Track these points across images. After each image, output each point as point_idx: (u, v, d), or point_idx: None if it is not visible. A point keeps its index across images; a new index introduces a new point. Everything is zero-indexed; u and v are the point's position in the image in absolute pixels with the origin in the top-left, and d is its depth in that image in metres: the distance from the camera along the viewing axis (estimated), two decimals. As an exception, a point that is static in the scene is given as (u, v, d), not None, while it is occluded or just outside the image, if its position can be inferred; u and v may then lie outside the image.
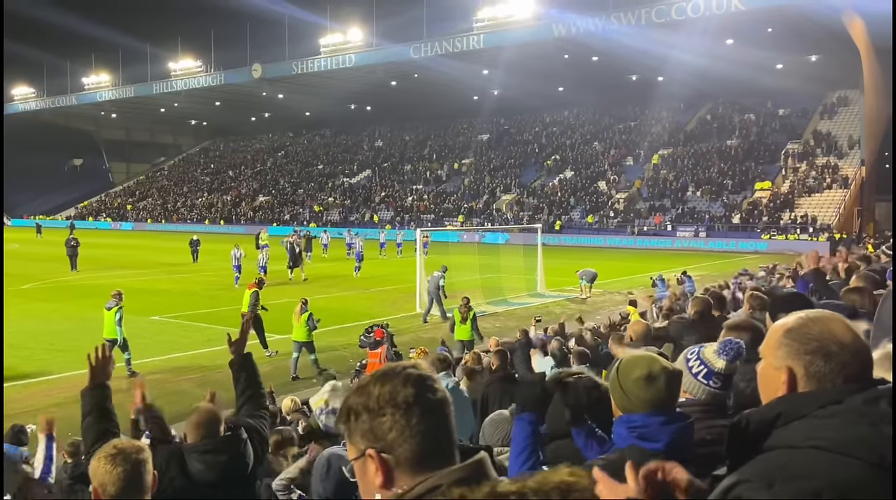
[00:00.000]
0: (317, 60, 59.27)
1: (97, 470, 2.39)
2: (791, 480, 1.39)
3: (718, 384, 2.49)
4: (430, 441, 1.33)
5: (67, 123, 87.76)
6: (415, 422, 1.31)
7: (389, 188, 65.59)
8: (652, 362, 2.18)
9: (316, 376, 12.50)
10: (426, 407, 1.33)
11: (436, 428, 1.34)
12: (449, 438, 1.37)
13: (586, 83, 57.22)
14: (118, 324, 13.25)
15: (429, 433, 1.33)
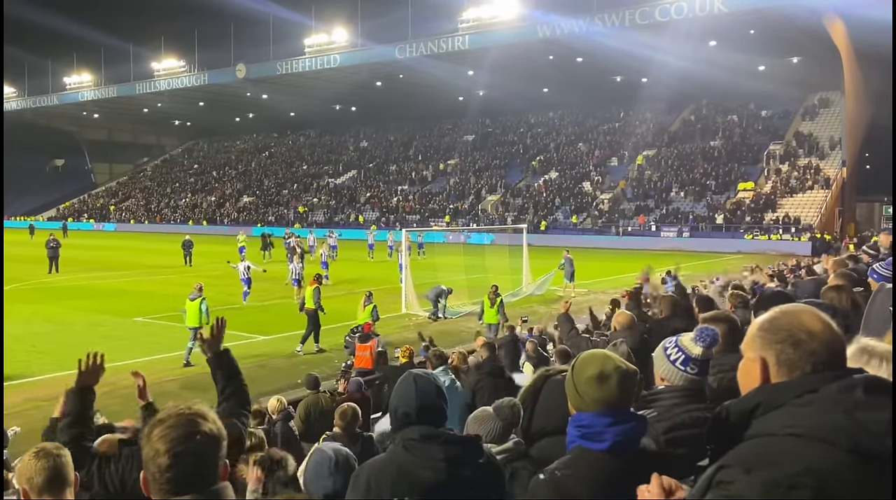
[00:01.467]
0: (301, 61, 59.07)
1: (24, 467, 2.59)
2: (769, 465, 1.44)
3: (695, 370, 2.53)
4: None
5: (49, 123, 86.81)
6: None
7: (375, 189, 65.48)
8: (605, 360, 2.15)
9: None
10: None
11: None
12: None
13: (571, 84, 57.42)
14: (205, 313, 14.29)
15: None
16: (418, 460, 2.25)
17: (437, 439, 2.33)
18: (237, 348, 15.37)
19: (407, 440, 2.31)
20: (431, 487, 2.21)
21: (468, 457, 2.36)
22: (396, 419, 2.41)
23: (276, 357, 14.86)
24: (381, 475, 2.22)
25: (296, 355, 15.10)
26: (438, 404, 2.44)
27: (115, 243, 48.60)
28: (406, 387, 2.45)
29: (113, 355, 14.67)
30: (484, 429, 3.18)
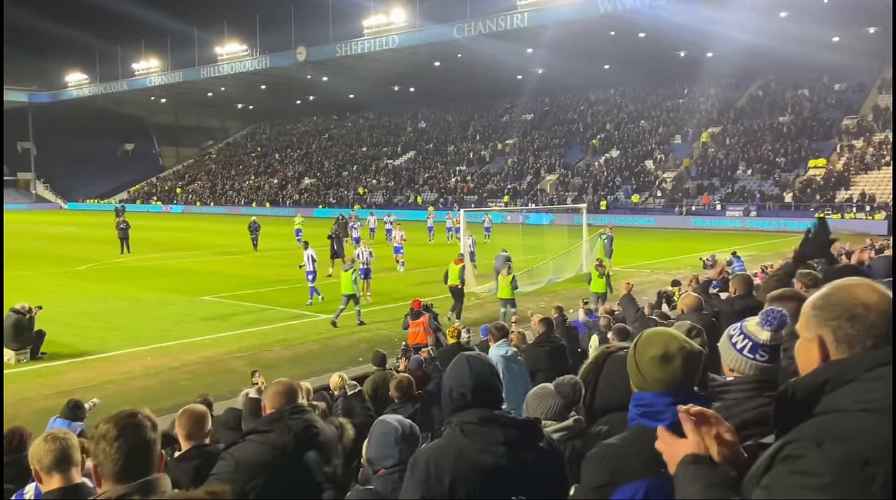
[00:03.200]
0: (360, 42, 59.27)
1: (35, 449, 2.88)
2: (840, 440, 1.41)
3: (766, 357, 2.38)
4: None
5: (119, 108, 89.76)
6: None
7: (433, 170, 65.56)
8: (670, 340, 2.07)
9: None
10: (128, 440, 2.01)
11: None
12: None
13: (633, 61, 56.06)
14: (354, 282, 16.24)
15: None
16: (477, 444, 2.21)
17: (495, 422, 2.29)
18: (300, 327, 15.78)
19: (464, 424, 2.27)
20: (492, 471, 2.18)
21: (528, 440, 2.31)
22: (452, 401, 2.37)
23: (338, 336, 15.09)
24: (440, 459, 2.18)
25: (354, 333, 15.28)
26: (493, 384, 2.40)
27: (182, 225, 50.09)
28: (460, 368, 2.41)
29: (181, 332, 15.27)
30: (544, 406, 3.14)
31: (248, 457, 3.05)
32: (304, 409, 3.29)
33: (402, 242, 26.12)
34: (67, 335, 14.71)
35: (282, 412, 3.21)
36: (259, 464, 3.04)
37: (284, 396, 3.30)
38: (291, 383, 3.40)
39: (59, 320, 15.72)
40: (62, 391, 10.63)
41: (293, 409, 3.23)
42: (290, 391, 3.34)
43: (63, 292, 20.10)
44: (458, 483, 2.13)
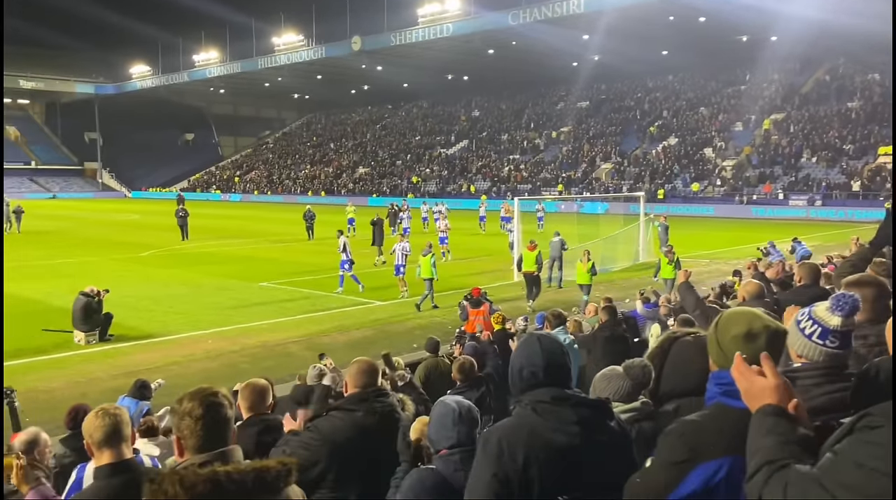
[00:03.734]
0: (414, 31, 59.33)
1: (87, 424, 2.98)
2: None
3: (836, 343, 2.25)
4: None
5: (180, 99, 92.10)
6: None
7: (486, 158, 65.36)
8: (753, 319, 2.02)
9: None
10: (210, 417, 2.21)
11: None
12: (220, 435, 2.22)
13: (692, 46, 54.68)
14: (433, 266, 16.75)
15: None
16: (550, 423, 2.18)
17: (568, 401, 2.25)
18: (356, 313, 15.95)
19: (536, 403, 2.24)
20: (565, 451, 2.14)
21: (600, 420, 2.27)
22: (522, 379, 2.33)
23: (391, 322, 15.21)
24: (512, 437, 2.15)
25: (409, 320, 15.37)
26: (565, 363, 2.36)
27: (241, 213, 51.17)
28: (530, 347, 2.37)
29: (241, 317, 15.57)
30: (612, 388, 3.09)
31: (333, 432, 3.19)
32: (386, 392, 3.45)
33: (446, 232, 26.01)
34: (133, 318, 15.19)
35: (367, 394, 3.35)
36: (342, 440, 3.16)
37: (367, 375, 3.43)
38: (373, 363, 3.53)
39: (124, 303, 16.24)
40: (129, 372, 10.97)
41: (377, 392, 3.38)
42: (373, 371, 3.47)
43: (128, 277, 20.76)
44: (531, 462, 2.10)
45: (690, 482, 1.93)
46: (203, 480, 1.88)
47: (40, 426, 7.46)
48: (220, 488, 1.88)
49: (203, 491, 1.86)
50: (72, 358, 12.42)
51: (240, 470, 1.93)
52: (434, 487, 2.88)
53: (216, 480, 1.89)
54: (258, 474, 1.93)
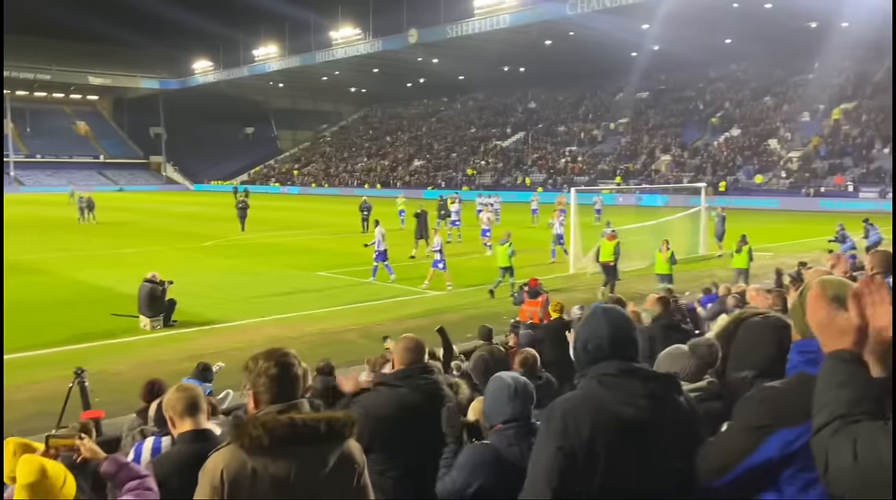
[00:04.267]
0: (471, 23, 59.15)
1: (168, 399, 3.29)
2: None
3: None
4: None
5: (240, 93, 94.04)
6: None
7: (542, 150, 64.80)
8: (841, 286, 1.93)
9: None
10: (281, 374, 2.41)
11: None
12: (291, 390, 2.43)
13: (757, 33, 52.99)
14: (510, 256, 16.89)
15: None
16: (617, 395, 2.10)
17: (636, 374, 2.17)
18: (411, 303, 16.01)
19: (602, 376, 2.16)
20: (632, 424, 2.06)
21: (669, 395, 2.18)
22: (587, 352, 2.25)
23: (446, 312, 15.20)
24: (578, 410, 2.07)
25: (463, 309, 15.33)
26: (632, 336, 2.28)
27: (299, 205, 52.00)
28: (595, 319, 2.29)
29: (300, 305, 15.81)
30: (677, 366, 2.99)
31: (377, 408, 3.20)
32: (432, 369, 3.44)
33: (489, 225, 25.51)
34: (196, 305, 15.58)
35: (413, 370, 3.35)
36: (386, 417, 3.16)
37: (413, 352, 3.44)
38: (419, 340, 3.54)
39: (187, 291, 16.65)
40: (192, 356, 11.24)
41: (423, 368, 3.38)
42: (419, 347, 3.47)
43: (191, 266, 21.33)
44: (598, 435, 2.03)
45: (767, 448, 1.88)
46: (283, 424, 2.19)
47: (108, 405, 7.74)
48: (297, 431, 2.20)
49: (283, 434, 2.17)
50: (138, 343, 12.82)
51: (314, 417, 2.27)
52: (490, 461, 2.86)
53: (294, 424, 2.20)
54: (329, 421, 2.25)
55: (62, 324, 13.97)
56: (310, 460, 2.24)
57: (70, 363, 8.78)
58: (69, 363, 9.09)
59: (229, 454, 2.24)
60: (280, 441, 2.17)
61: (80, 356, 11.33)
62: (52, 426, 7.70)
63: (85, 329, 13.52)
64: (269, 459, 2.19)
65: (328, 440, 2.27)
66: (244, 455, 2.20)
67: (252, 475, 2.19)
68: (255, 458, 2.19)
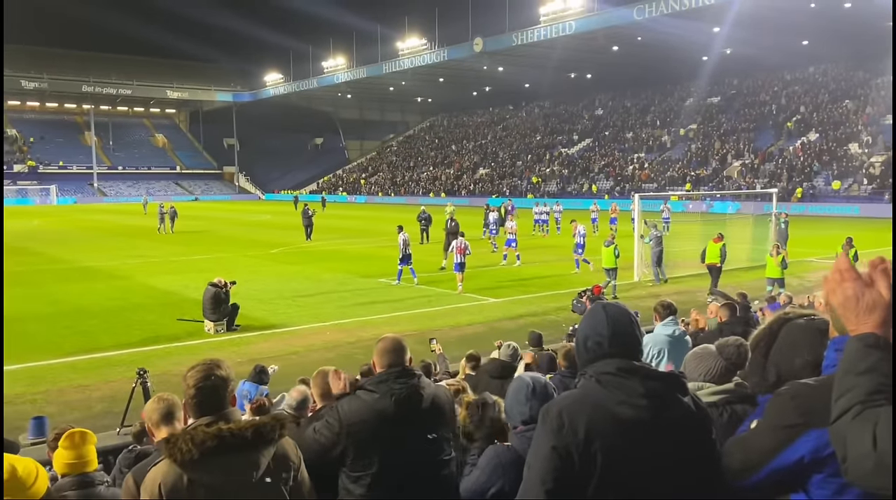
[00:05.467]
0: (536, 30, 58.91)
1: (147, 409, 3.40)
2: None
3: None
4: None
5: (310, 105, 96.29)
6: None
7: (609, 157, 63.87)
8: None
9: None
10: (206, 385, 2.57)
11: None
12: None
13: (836, 34, 50.92)
14: (615, 256, 17.69)
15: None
16: (615, 395, 2.02)
17: (635, 373, 2.08)
18: (469, 310, 15.97)
19: (601, 374, 2.08)
20: (631, 424, 1.97)
21: (671, 395, 2.08)
22: (586, 350, 2.18)
23: (504, 319, 15.11)
24: (574, 409, 2.01)
25: (521, 317, 15.21)
26: (633, 333, 2.19)
27: (365, 214, 52.72)
28: (595, 316, 2.22)
29: (359, 311, 15.96)
30: (703, 367, 2.86)
31: (352, 414, 3.07)
32: (411, 373, 3.18)
33: (514, 234, 23.82)
34: (259, 310, 15.96)
35: (388, 374, 3.14)
36: (358, 422, 3.04)
37: (390, 354, 3.21)
38: (399, 340, 3.29)
39: (252, 296, 17.13)
40: (252, 359, 11.47)
41: (400, 373, 3.15)
42: (397, 349, 3.22)
43: (257, 272, 21.87)
44: (595, 435, 1.95)
45: (798, 448, 1.80)
46: (211, 436, 2.31)
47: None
48: (225, 441, 2.32)
49: (211, 445, 2.29)
50: (202, 346, 13.18)
51: (240, 426, 2.37)
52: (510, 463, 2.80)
53: (221, 435, 2.32)
54: (256, 428, 2.38)
55: (134, 327, 14.52)
56: (241, 466, 2.37)
57: (138, 365, 9.10)
58: (138, 365, 9.42)
59: (165, 467, 2.38)
60: (210, 452, 2.30)
61: (148, 358, 11.75)
62: (117, 424, 8.03)
63: (154, 332, 14.02)
64: (202, 470, 2.32)
65: (256, 446, 2.39)
66: (178, 469, 2.33)
67: (188, 486, 2.33)
68: (189, 471, 2.32)
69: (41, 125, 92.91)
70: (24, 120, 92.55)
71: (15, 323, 14.76)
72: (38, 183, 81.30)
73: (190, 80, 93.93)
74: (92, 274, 21.98)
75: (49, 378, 11.03)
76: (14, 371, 11.40)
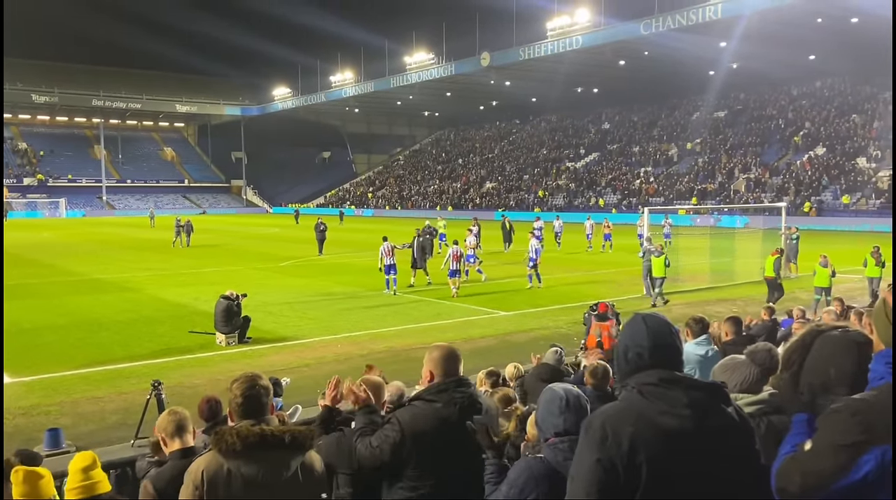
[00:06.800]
0: (543, 45, 59.17)
1: (160, 422, 3.74)
2: None
3: None
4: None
5: (318, 118, 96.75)
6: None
7: (616, 171, 63.91)
8: None
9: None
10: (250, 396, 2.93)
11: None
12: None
13: (843, 49, 50.92)
14: (666, 265, 17.93)
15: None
16: (658, 406, 2.03)
17: (678, 383, 2.09)
18: (481, 322, 15.96)
19: (643, 385, 2.10)
20: (675, 435, 1.98)
21: (714, 404, 2.10)
22: (627, 362, 2.20)
23: (515, 332, 15.10)
24: (617, 421, 2.02)
25: (533, 330, 15.20)
26: (674, 344, 2.21)
27: (372, 227, 52.73)
28: (635, 327, 2.24)
29: (369, 323, 15.98)
30: (738, 376, 2.86)
31: (414, 423, 3.13)
32: (468, 382, 3.34)
33: (472, 249, 23.33)
34: (270, 323, 16.00)
35: (447, 384, 3.25)
36: (422, 432, 3.10)
37: (448, 363, 3.34)
38: (454, 350, 3.42)
39: (262, 309, 17.18)
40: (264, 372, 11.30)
41: (458, 382, 3.29)
42: (454, 358, 3.36)
43: (267, 285, 21.93)
44: (639, 447, 1.96)
45: (862, 466, 1.78)
46: (254, 433, 2.64)
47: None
48: (266, 439, 2.64)
49: (253, 441, 2.62)
50: (214, 358, 13.22)
51: (280, 429, 2.71)
52: (543, 475, 2.79)
53: (263, 433, 2.65)
54: (293, 434, 2.69)
55: (146, 339, 14.57)
56: (275, 463, 2.67)
57: (151, 377, 9.13)
58: (151, 376, 9.47)
59: (209, 457, 2.71)
60: (251, 447, 2.61)
61: (161, 370, 11.79)
62: (132, 436, 8.05)
63: (166, 344, 14.07)
64: (242, 461, 2.63)
65: (291, 449, 2.70)
66: (221, 458, 2.64)
67: (227, 475, 2.64)
68: (230, 460, 2.63)
69: (51, 139, 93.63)
70: (34, 133, 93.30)
71: (29, 334, 14.85)
72: (48, 196, 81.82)
73: (198, 94, 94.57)
74: (102, 286, 22.08)
75: (63, 390, 11.08)
76: (29, 382, 11.46)
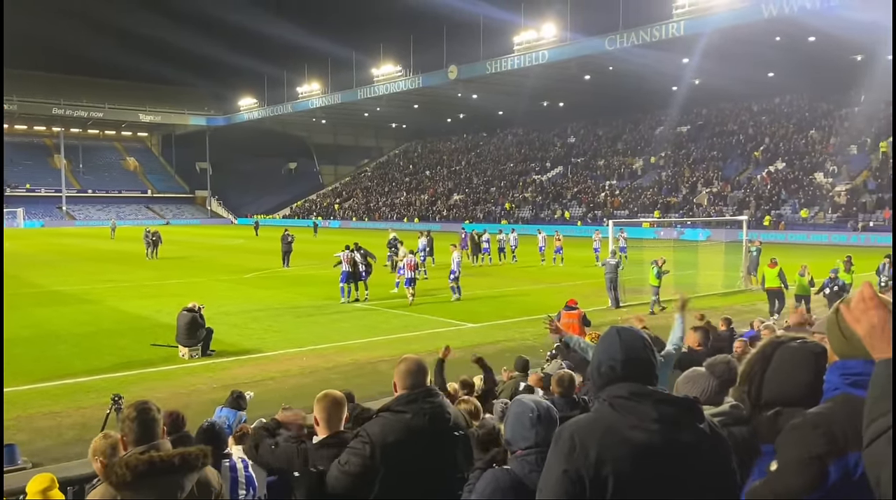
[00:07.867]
0: (510, 59, 59.74)
1: (95, 446, 3.71)
2: None
3: None
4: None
5: (284, 129, 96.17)
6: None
7: (582, 184, 64.61)
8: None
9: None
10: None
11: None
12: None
13: (801, 67, 52.32)
14: (658, 277, 18.74)
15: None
16: (627, 419, 2.04)
17: (648, 397, 2.10)
18: (447, 335, 15.93)
19: (613, 398, 2.10)
20: (643, 449, 1.99)
21: (686, 419, 2.10)
22: (600, 375, 2.21)
23: (482, 344, 15.09)
24: (586, 433, 2.02)
25: (499, 342, 15.23)
26: (646, 358, 2.22)
27: (339, 239, 52.41)
28: (609, 340, 2.26)
29: (335, 336, 15.82)
30: (698, 388, 2.89)
31: (385, 434, 3.11)
32: (436, 392, 3.34)
33: (402, 263, 21.87)
34: (233, 335, 15.77)
35: (416, 394, 3.25)
36: (392, 443, 3.08)
37: (415, 375, 3.35)
38: (421, 361, 3.43)
39: (226, 321, 16.94)
40: (228, 385, 11.31)
41: (427, 392, 3.30)
42: (421, 370, 3.37)
43: (231, 297, 21.64)
44: (606, 460, 1.96)
45: (831, 476, 1.81)
46: (143, 461, 2.64)
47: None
48: (155, 466, 2.64)
49: (143, 470, 2.62)
50: (176, 371, 12.98)
51: (169, 454, 2.72)
52: (509, 487, 2.78)
53: (152, 461, 2.65)
54: (182, 456, 2.70)
55: (106, 352, 14.25)
56: (168, 488, 2.69)
57: (111, 390, 8.91)
58: (111, 390, 9.23)
59: (102, 490, 2.74)
60: (141, 475, 2.62)
61: (121, 384, 11.52)
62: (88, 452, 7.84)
63: (127, 358, 13.77)
64: (133, 491, 2.63)
65: (182, 471, 2.71)
66: (113, 491, 2.65)
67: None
68: (123, 492, 2.63)
69: (9, 148, 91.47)
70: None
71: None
72: (5, 206, 79.91)
73: (163, 104, 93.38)
74: (61, 298, 21.58)
75: (19, 404, 10.76)
76: (-18, 398, 11.11)
